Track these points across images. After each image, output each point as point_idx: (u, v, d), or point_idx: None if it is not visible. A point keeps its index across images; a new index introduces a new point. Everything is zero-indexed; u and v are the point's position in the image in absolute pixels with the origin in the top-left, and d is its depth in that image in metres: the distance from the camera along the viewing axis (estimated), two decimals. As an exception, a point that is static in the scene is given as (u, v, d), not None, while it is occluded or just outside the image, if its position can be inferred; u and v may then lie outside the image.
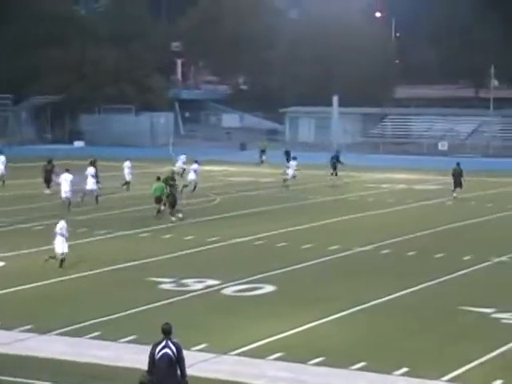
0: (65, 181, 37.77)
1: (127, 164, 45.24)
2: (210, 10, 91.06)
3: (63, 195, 37.53)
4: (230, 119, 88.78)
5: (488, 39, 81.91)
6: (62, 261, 25.31)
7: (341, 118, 73.84)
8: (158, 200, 35.13)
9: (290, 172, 46.68)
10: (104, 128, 76.70)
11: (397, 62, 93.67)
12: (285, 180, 46.11)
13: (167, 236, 31.25)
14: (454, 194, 42.01)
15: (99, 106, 77.59)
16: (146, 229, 32.50)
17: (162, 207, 35.06)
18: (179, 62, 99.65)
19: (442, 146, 69.98)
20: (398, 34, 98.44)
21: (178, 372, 13.54)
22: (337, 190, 45.13)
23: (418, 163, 54.14)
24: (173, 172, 38.52)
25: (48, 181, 42.13)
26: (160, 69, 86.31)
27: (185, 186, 42.45)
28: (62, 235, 25.32)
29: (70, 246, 25.74)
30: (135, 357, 17.21)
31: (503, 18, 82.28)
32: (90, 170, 39.90)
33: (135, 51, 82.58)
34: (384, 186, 47.62)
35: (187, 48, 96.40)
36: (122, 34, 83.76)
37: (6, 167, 46.27)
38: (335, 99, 73.10)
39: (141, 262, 26.57)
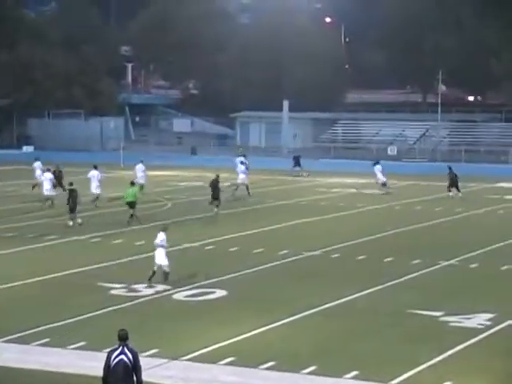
0: (46, 180, 38.75)
1: (140, 167, 44.82)
2: (160, 13, 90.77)
3: (45, 193, 38.25)
4: (181, 124, 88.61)
5: (436, 44, 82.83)
6: (167, 274, 23.94)
7: (291, 123, 74.13)
8: (131, 205, 35.03)
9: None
10: (53, 133, 76.04)
11: (347, 66, 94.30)
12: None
13: (118, 241, 31.11)
14: (451, 194, 43.08)
15: (48, 110, 76.88)
16: (96, 234, 32.31)
17: (133, 212, 35.00)
18: (129, 66, 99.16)
19: (391, 150, 70.60)
20: (347, 39, 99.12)
21: (134, 378, 13.46)
22: (288, 195, 45.27)
23: (368, 168, 54.47)
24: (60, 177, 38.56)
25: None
26: (110, 73, 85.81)
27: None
28: (163, 247, 24.10)
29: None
30: (84, 363, 17.11)
31: (451, 22, 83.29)
32: (48, 176, 39.45)
33: (85, 55, 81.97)
34: (334, 190, 47.89)
35: (137, 52, 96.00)
36: (72, 38, 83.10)
37: None
38: (285, 104, 73.38)
39: (91, 267, 26.41)
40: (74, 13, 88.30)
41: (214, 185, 37.93)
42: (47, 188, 38.33)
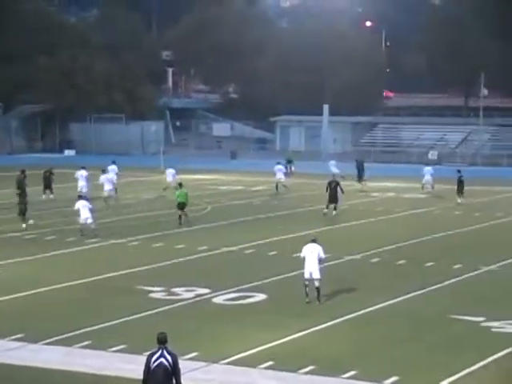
0: (81, 176, 42.60)
1: (171, 171, 45.72)
2: (200, 18, 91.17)
3: (83, 190, 41.19)
4: (221, 128, 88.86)
5: (478, 48, 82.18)
6: (318, 290, 22.50)
7: (331, 127, 73.96)
8: (181, 206, 35.22)
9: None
10: (95, 137, 76.66)
11: (387, 70, 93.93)
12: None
13: (158, 244, 31.25)
14: (459, 201, 42.45)
15: (90, 115, 77.53)
16: (136, 237, 32.48)
17: (182, 213, 35.21)
18: (170, 71, 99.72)
19: (432, 155, 70.13)
20: (388, 43, 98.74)
21: (174, 381, 13.49)
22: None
23: (408, 172, 54.24)
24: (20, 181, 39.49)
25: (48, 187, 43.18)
26: (151, 78, 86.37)
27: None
28: (320, 259, 22.79)
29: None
30: (125, 366, 17.21)
31: (493, 27, 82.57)
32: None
33: (126, 60, 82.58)
34: (374, 194, 47.68)
35: (178, 57, 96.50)
36: (114, 43, 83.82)
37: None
38: (326, 108, 73.24)
39: (131, 270, 26.55)
40: (115, 18, 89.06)
41: (334, 188, 38.45)
42: (82, 185, 41.64)
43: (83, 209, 32.81)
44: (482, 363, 17.78)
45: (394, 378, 16.85)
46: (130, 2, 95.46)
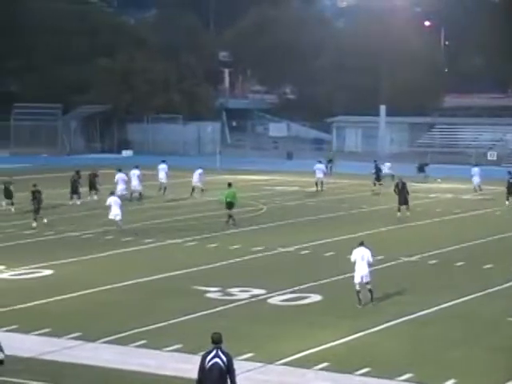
0: (133, 175, 43.35)
1: (199, 171, 45.93)
2: (257, 19, 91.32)
3: (137, 188, 43.08)
4: (277, 128, 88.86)
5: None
6: (371, 291, 22.36)
7: (388, 128, 73.47)
8: (230, 206, 35.33)
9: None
10: (152, 137, 77.22)
11: (446, 70, 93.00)
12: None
13: (213, 245, 31.33)
14: (507, 203, 41.71)
15: (147, 115, 78.13)
16: (192, 237, 32.62)
17: (231, 213, 35.33)
18: (227, 71, 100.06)
19: (491, 155, 69.23)
20: (447, 43, 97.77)
21: (229, 382, 13.50)
22: (383, 200, 44.80)
23: (466, 173, 53.58)
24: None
25: (75, 191, 42.39)
26: (208, 78, 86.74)
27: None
28: (369, 263, 22.46)
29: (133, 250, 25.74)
30: (180, 365, 17.28)
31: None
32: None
33: (184, 61, 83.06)
34: (432, 195, 47.23)
35: (235, 58, 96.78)
36: (171, 44, 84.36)
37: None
38: (382, 108, 72.77)
39: (187, 270, 26.67)
40: (173, 19, 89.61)
41: (402, 189, 38.19)
42: (121, 188, 41.54)
43: (114, 205, 33.54)
44: (541, 367, 17.49)
45: (450, 381, 16.65)
46: (187, 2, 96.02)
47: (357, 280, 22.32)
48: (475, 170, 47.51)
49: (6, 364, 14.70)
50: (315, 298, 23.19)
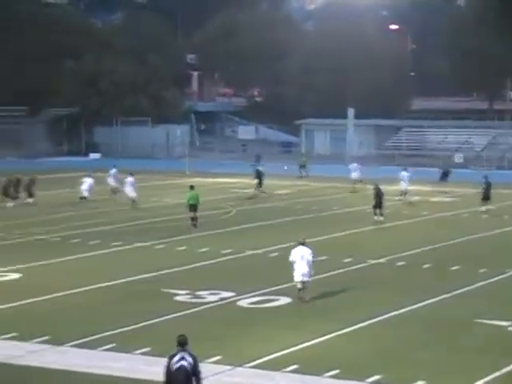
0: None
1: (113, 171, 46.00)
2: (225, 22, 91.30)
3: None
4: (246, 131, 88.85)
5: (503, 51, 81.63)
6: (300, 290, 22.93)
7: (355, 130, 73.74)
8: (193, 208, 35.32)
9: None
10: (120, 140, 76.91)
11: (412, 74, 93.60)
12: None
13: (182, 248, 31.28)
14: (483, 208, 41.28)
15: (116, 118, 77.80)
16: (160, 240, 32.54)
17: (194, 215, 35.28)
18: (195, 74, 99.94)
19: (458, 158, 69.73)
20: (414, 46, 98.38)
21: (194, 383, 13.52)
22: (352, 203, 44.99)
23: (433, 175, 53.92)
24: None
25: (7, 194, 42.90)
26: (176, 81, 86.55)
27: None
28: (308, 262, 22.87)
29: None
30: (149, 368, 17.22)
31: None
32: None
33: (151, 64, 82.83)
34: (398, 197, 47.43)
35: (203, 60, 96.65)
36: (138, 47, 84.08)
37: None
38: (351, 111, 73.03)
39: (156, 273, 26.60)
40: (140, 22, 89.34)
41: (377, 193, 38.03)
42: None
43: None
44: (508, 368, 17.62)
45: (419, 382, 16.74)
46: (154, 5, 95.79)
47: (297, 279, 22.89)
48: (404, 174, 45.58)
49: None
50: (284, 300, 23.22)
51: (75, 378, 17.21)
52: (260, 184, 47.62)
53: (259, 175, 47.89)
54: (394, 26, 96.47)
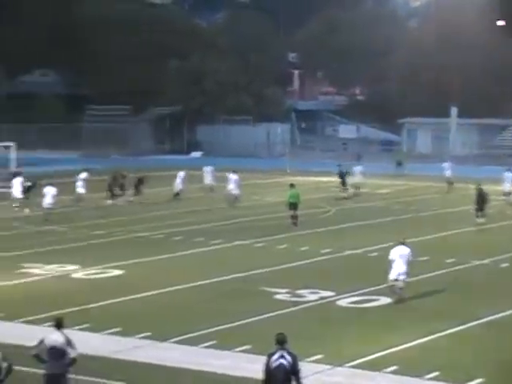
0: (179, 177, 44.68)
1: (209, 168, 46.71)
2: (327, 20, 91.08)
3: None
4: (347, 130, 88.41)
5: None
6: (401, 289, 22.76)
7: (458, 129, 72.55)
8: (293, 206, 35.42)
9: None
10: (222, 139, 77.59)
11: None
12: None
13: (282, 246, 31.36)
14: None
15: (218, 117, 78.54)
16: (261, 239, 32.70)
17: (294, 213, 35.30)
18: (296, 73, 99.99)
19: None
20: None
21: (294, 383, 13.52)
22: (454, 203, 44.24)
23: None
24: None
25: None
26: (277, 80, 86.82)
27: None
28: (407, 262, 22.80)
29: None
30: (250, 366, 17.33)
31: None
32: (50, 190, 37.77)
33: (254, 63, 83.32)
34: (502, 198, 46.45)
35: (304, 59, 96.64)
36: (241, 46, 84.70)
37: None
38: (454, 110, 71.92)
39: (256, 271, 26.74)
40: (242, 21, 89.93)
41: (479, 194, 37.22)
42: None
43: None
44: None
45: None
46: (256, 4, 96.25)
47: (392, 277, 22.67)
48: (508, 174, 44.17)
49: (79, 362, 14.92)
50: (384, 300, 23.03)
51: (177, 373, 17.44)
52: (343, 184, 46.99)
53: (342, 175, 47.48)
54: (501, 22, 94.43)
